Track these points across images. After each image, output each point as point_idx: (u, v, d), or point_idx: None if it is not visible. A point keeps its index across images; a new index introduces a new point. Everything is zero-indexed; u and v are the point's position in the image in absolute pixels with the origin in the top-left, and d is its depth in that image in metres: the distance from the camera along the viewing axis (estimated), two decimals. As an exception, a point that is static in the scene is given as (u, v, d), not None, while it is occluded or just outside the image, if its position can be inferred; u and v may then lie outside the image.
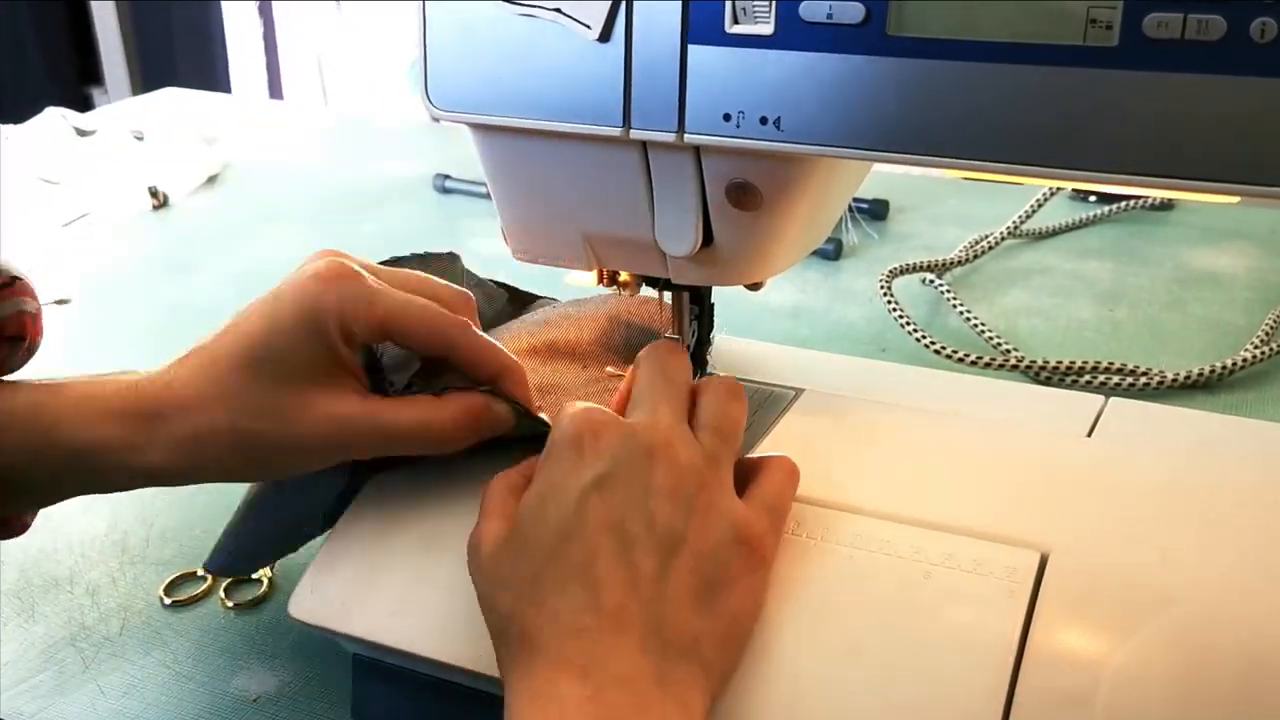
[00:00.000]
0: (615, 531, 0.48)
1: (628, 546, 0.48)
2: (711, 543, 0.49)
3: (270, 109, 2.03)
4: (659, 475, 0.49)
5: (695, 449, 0.51)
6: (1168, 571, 0.50)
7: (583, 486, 0.49)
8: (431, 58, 0.56)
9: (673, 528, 0.48)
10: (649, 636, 0.46)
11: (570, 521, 0.48)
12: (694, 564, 0.48)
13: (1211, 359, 0.88)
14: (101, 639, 0.65)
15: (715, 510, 0.50)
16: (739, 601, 0.49)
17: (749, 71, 0.50)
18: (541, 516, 0.49)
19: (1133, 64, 0.43)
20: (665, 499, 0.49)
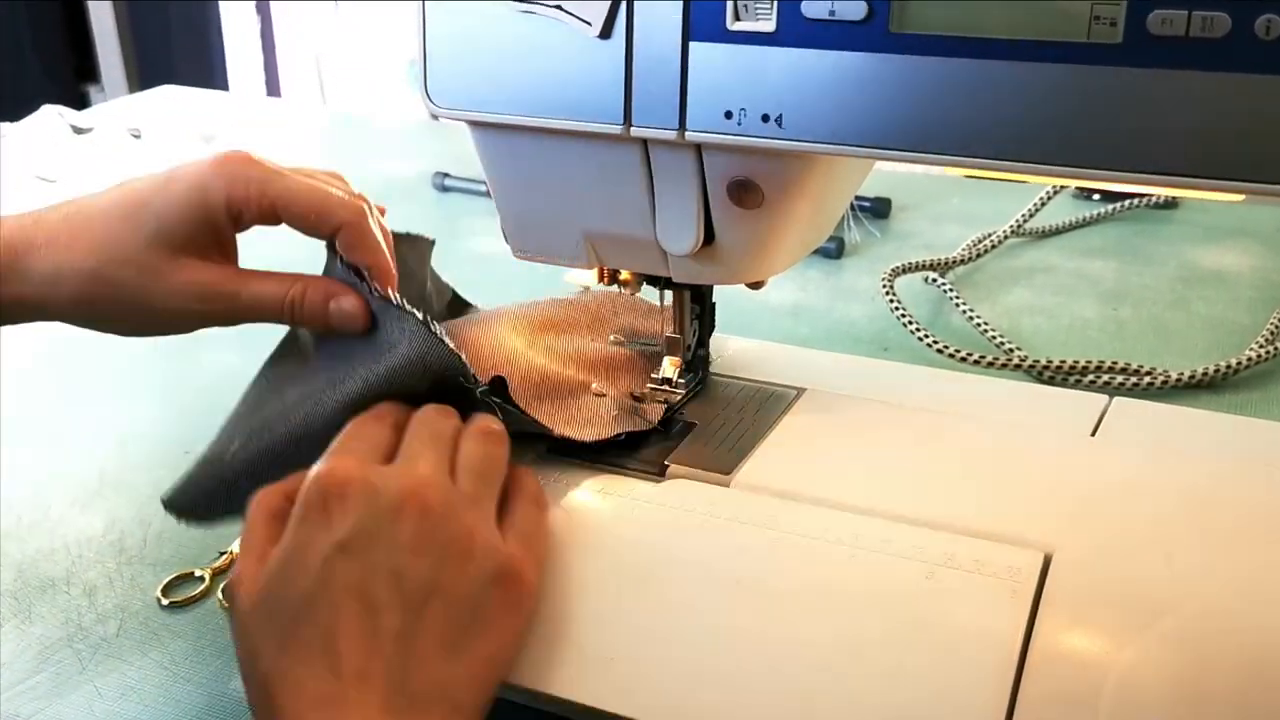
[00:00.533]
0: (358, 595, 0.48)
1: (372, 610, 0.47)
2: (468, 587, 0.49)
3: (268, 107, 2.03)
4: (406, 529, 0.49)
5: (449, 493, 0.51)
6: (1172, 573, 0.50)
7: (325, 552, 0.48)
8: (431, 55, 0.56)
9: (422, 581, 0.48)
10: (393, 695, 0.46)
11: (313, 588, 0.48)
12: (447, 613, 0.48)
13: (1216, 358, 0.88)
14: (98, 640, 0.65)
15: (473, 554, 0.49)
16: (494, 642, 0.49)
17: (750, 69, 0.50)
18: (286, 581, 0.49)
19: (1137, 61, 0.44)
20: (413, 553, 0.48)
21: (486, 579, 0.49)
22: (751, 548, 0.53)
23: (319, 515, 0.49)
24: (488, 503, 0.53)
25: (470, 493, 0.52)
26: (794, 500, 0.55)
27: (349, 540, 0.48)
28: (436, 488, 0.50)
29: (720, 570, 0.52)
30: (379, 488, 0.49)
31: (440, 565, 0.49)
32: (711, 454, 0.60)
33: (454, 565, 0.49)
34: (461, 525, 0.50)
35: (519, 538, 0.52)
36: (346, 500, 0.49)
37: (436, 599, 0.48)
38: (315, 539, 0.49)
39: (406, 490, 0.50)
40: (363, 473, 0.50)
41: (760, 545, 0.53)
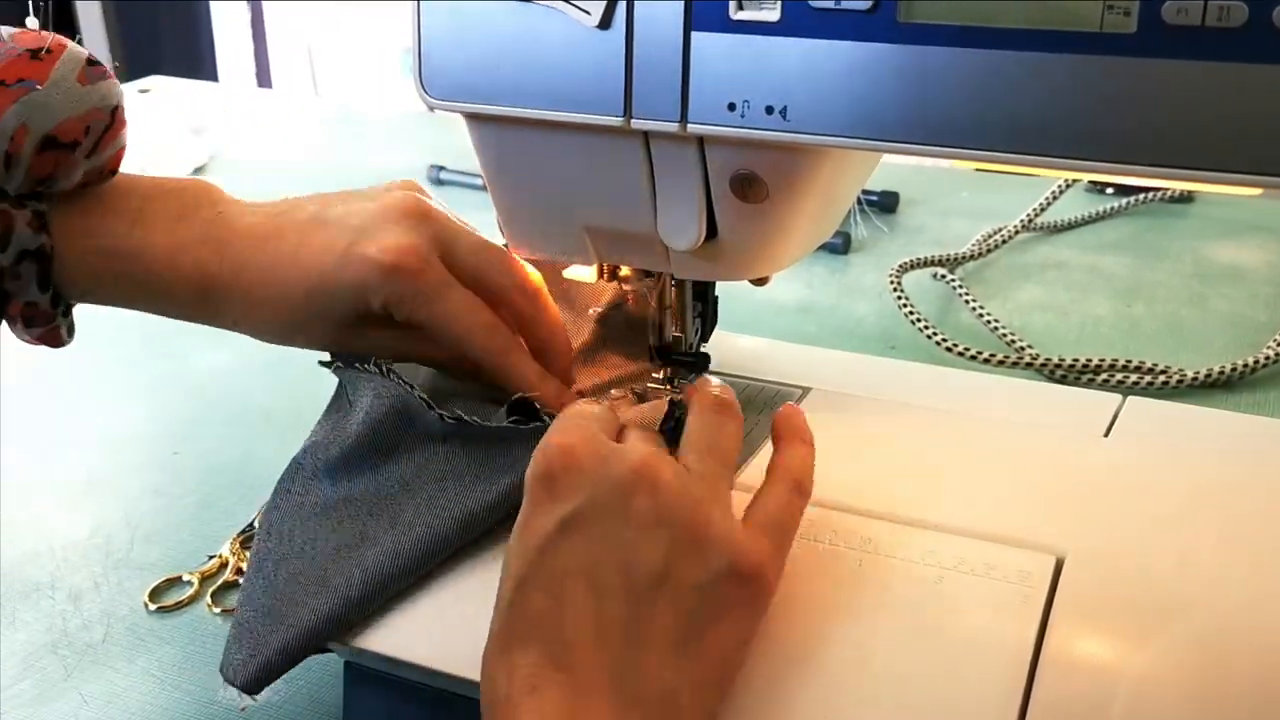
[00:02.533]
0: (585, 578, 0.46)
1: (598, 594, 0.46)
2: (702, 577, 0.47)
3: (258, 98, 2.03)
4: (639, 507, 0.47)
5: (681, 473, 0.49)
6: (1186, 576, 0.50)
7: (550, 529, 0.47)
8: (425, 45, 0.56)
9: (652, 567, 0.46)
10: (616, 694, 0.45)
11: (534, 568, 0.47)
12: (677, 604, 0.46)
13: (1232, 356, 0.88)
14: (84, 646, 0.65)
15: (707, 540, 0.47)
16: (724, 641, 0.47)
17: (754, 59, 0.50)
18: (511, 560, 0.48)
19: (1151, 51, 0.43)
20: (645, 533, 0.47)
21: (721, 571, 0.47)
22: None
23: (543, 491, 0.48)
24: (722, 483, 0.50)
25: (704, 471, 0.49)
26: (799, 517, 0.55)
27: (575, 517, 0.47)
28: (670, 463, 0.48)
29: (723, 574, 0.52)
30: (610, 460, 0.48)
31: (672, 551, 0.46)
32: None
33: (685, 553, 0.47)
34: (696, 508, 0.47)
35: (766, 527, 0.49)
36: (574, 474, 0.48)
37: (666, 589, 0.46)
38: (537, 518, 0.48)
39: (639, 466, 0.48)
40: (593, 444, 0.49)
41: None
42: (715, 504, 0.48)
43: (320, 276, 0.59)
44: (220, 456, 0.82)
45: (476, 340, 0.60)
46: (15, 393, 0.91)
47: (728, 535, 0.47)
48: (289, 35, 3.13)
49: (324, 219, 0.61)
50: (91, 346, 0.99)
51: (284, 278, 0.60)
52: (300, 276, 0.60)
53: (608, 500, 0.47)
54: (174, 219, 0.61)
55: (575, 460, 0.48)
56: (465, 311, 0.60)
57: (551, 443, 0.49)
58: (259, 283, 0.60)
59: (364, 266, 0.59)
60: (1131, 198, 1.21)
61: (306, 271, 0.60)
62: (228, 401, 0.88)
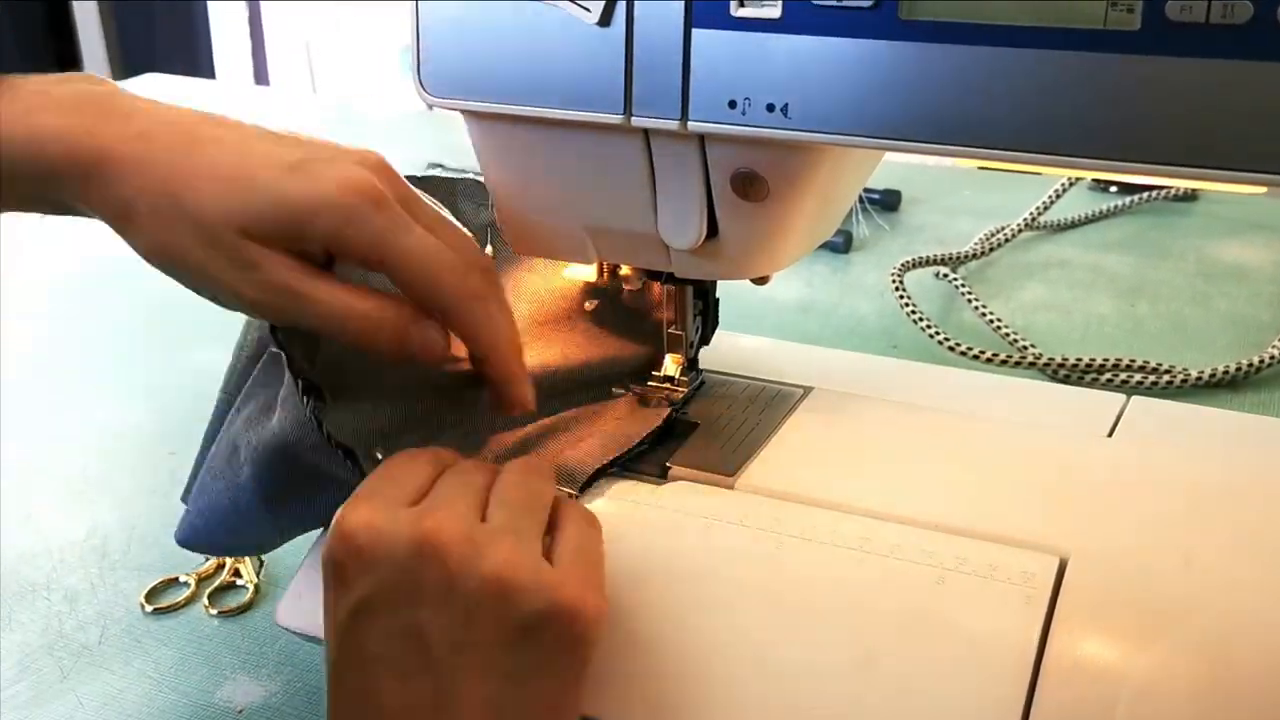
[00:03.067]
0: (385, 661, 0.46)
1: (401, 675, 0.45)
2: (511, 630, 0.45)
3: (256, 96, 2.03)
4: (429, 580, 0.46)
5: (473, 531, 0.47)
6: (1192, 577, 0.50)
7: (344, 618, 0.47)
8: (424, 42, 0.56)
9: (451, 640, 0.45)
10: None
11: (339, 660, 0.47)
12: (484, 669, 0.45)
13: (1237, 356, 0.88)
14: (80, 648, 0.65)
15: (508, 595, 0.45)
16: (551, 689, 0.47)
17: (755, 57, 0.50)
18: (326, 640, 0.48)
19: (1155, 49, 0.43)
20: (438, 608, 0.45)
21: (532, 619, 0.45)
22: (756, 553, 0.53)
23: (336, 575, 0.47)
24: (529, 534, 0.48)
25: (506, 522, 0.48)
26: (800, 503, 0.55)
27: (363, 604, 0.46)
28: (455, 526, 0.46)
29: (723, 576, 0.52)
30: (392, 540, 0.46)
31: (468, 619, 0.45)
32: (715, 455, 0.60)
33: (485, 613, 0.45)
34: (490, 565, 0.45)
35: (572, 560, 0.48)
36: (357, 559, 0.46)
37: (471, 654, 0.45)
38: (337, 601, 0.47)
39: (421, 539, 0.46)
40: (371, 524, 0.47)
41: (765, 550, 0.53)
42: (517, 553, 0.46)
43: (256, 176, 0.50)
44: (217, 457, 0.82)
45: (447, 281, 0.52)
46: (11, 391, 0.91)
47: (535, 578, 0.46)
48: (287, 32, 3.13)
49: (264, 130, 0.54)
50: (87, 345, 0.99)
51: (204, 162, 0.51)
52: (229, 168, 0.51)
53: (393, 583, 0.46)
54: (48, 82, 0.52)
55: (354, 544, 0.47)
56: (435, 249, 0.52)
57: (335, 524, 0.48)
58: (163, 158, 0.51)
59: (320, 182, 0.51)
60: (1135, 196, 1.21)
61: (240, 167, 0.51)
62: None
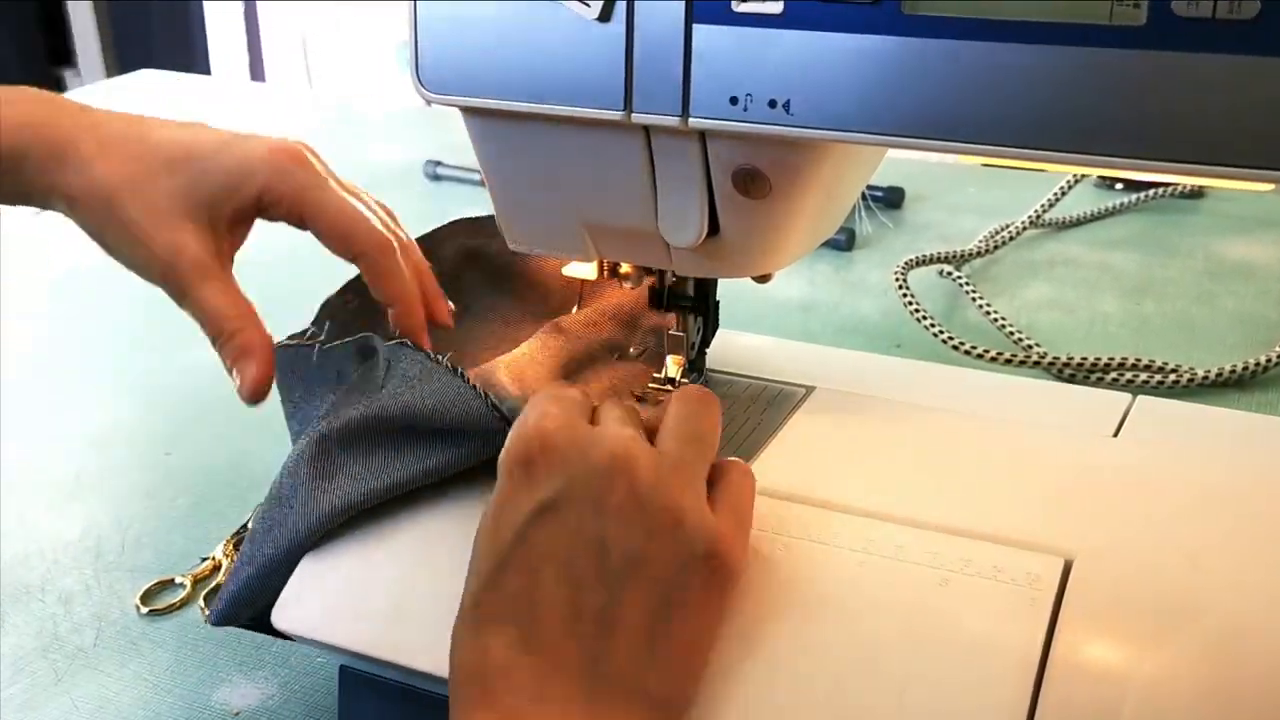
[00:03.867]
0: (559, 564, 0.47)
1: (572, 581, 0.47)
2: (675, 563, 0.47)
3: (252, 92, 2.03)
4: (617, 493, 0.48)
5: (659, 458, 0.49)
6: (1198, 578, 0.50)
7: (527, 514, 0.48)
8: (422, 37, 0.56)
9: (627, 553, 0.47)
10: (586, 677, 0.46)
11: (510, 551, 0.48)
12: (649, 590, 0.47)
13: (1244, 355, 0.88)
14: (75, 650, 0.65)
15: (682, 525, 0.48)
16: (695, 626, 0.48)
17: (757, 52, 0.50)
18: (487, 541, 0.49)
19: (1161, 44, 0.43)
20: (621, 521, 0.47)
21: (694, 555, 0.47)
22: (758, 554, 0.53)
23: (522, 473, 0.49)
24: (699, 470, 0.51)
25: (679, 458, 0.50)
26: (802, 504, 0.55)
27: (553, 501, 0.48)
28: (646, 450, 0.49)
29: (725, 577, 0.52)
30: (587, 446, 0.48)
31: (647, 537, 0.47)
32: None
33: (661, 539, 0.47)
34: (671, 494, 0.48)
35: (729, 512, 0.50)
36: (553, 457, 0.48)
37: (640, 576, 0.47)
38: (517, 500, 0.48)
39: (616, 452, 0.48)
40: (570, 429, 0.49)
41: (767, 551, 0.53)
42: (689, 489, 0.49)
43: (193, 150, 0.59)
44: (213, 458, 0.82)
45: (362, 232, 0.59)
46: (6, 392, 0.91)
47: (701, 521, 0.48)
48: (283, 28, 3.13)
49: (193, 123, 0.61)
50: (83, 346, 0.99)
51: (143, 142, 0.58)
52: (171, 147, 0.58)
53: (584, 487, 0.48)
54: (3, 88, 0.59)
55: (552, 445, 0.49)
56: (352, 205, 0.60)
57: (529, 425, 0.50)
58: (115, 144, 0.58)
59: (248, 150, 0.59)
60: (1141, 193, 1.21)
61: (176, 144, 0.59)
62: (220, 402, 0.88)
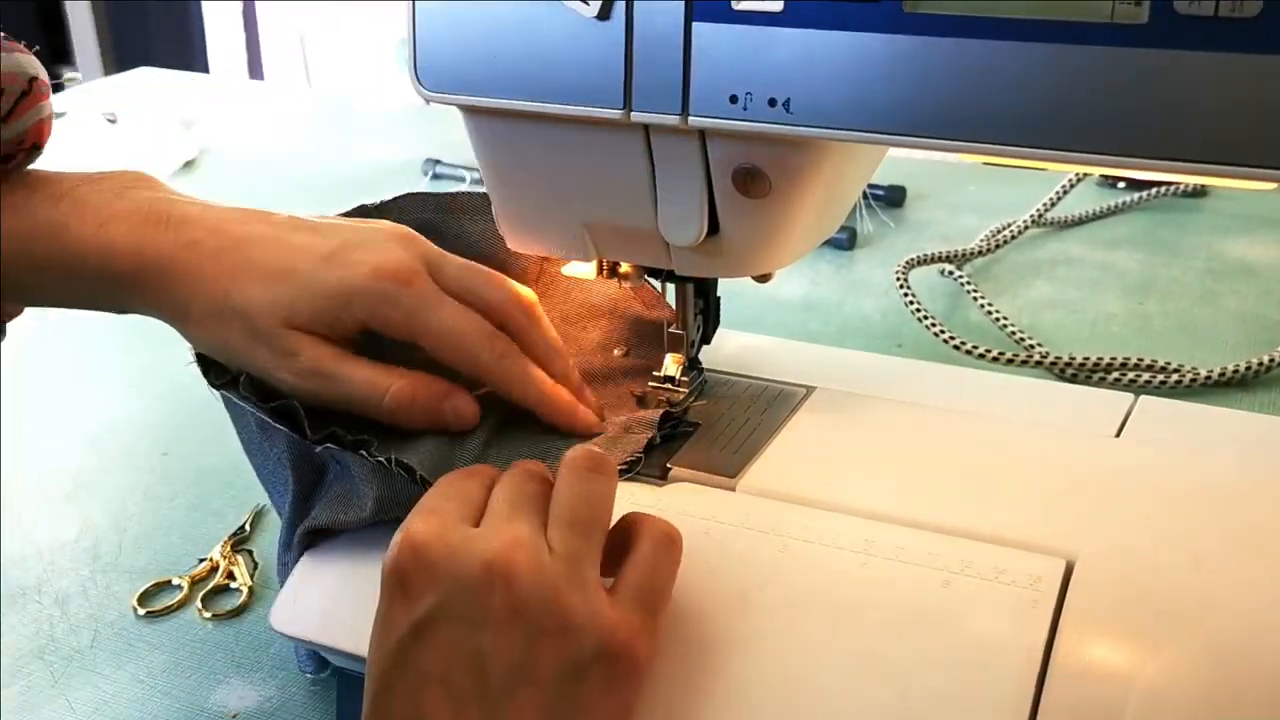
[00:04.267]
0: (440, 685, 0.45)
1: (455, 701, 0.45)
2: (565, 665, 0.46)
3: (250, 90, 2.03)
4: (495, 604, 0.46)
5: (541, 556, 0.47)
6: (1201, 580, 0.50)
7: (402, 635, 0.46)
8: (421, 36, 0.56)
9: (508, 665, 0.45)
10: None
11: (391, 674, 0.47)
12: (539, 700, 0.45)
13: (1247, 355, 0.88)
14: (71, 651, 0.65)
15: (569, 628, 0.46)
16: None
17: (757, 50, 0.50)
18: (371, 663, 0.48)
19: (1163, 42, 0.43)
20: (501, 631, 0.46)
21: (586, 657, 0.46)
22: (758, 556, 0.53)
23: (398, 592, 0.47)
24: (589, 560, 0.48)
25: (567, 551, 0.48)
26: (803, 505, 0.55)
27: (427, 620, 0.46)
28: (526, 551, 0.47)
29: (725, 580, 0.52)
30: (462, 556, 0.47)
31: (530, 645, 0.45)
32: (716, 456, 0.60)
33: (546, 644, 0.45)
34: (555, 596, 0.46)
35: (635, 596, 0.48)
36: (425, 572, 0.47)
37: (525, 685, 0.45)
38: (394, 619, 0.47)
39: (492, 557, 0.46)
40: (443, 538, 0.47)
41: (767, 553, 0.53)
42: (576, 588, 0.47)
43: (295, 269, 0.58)
44: (210, 458, 0.82)
45: (478, 346, 0.59)
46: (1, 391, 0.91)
47: (592, 618, 0.46)
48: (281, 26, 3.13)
49: (303, 224, 0.61)
50: (78, 345, 0.99)
51: (246, 262, 0.58)
52: (270, 264, 0.58)
53: (460, 601, 0.46)
54: (110, 194, 0.59)
55: (426, 558, 0.47)
56: (462, 317, 0.59)
57: (404, 536, 0.48)
58: (211, 263, 0.58)
59: (353, 269, 0.58)
60: (1143, 192, 1.21)
61: (280, 262, 0.58)
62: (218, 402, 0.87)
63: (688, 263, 0.60)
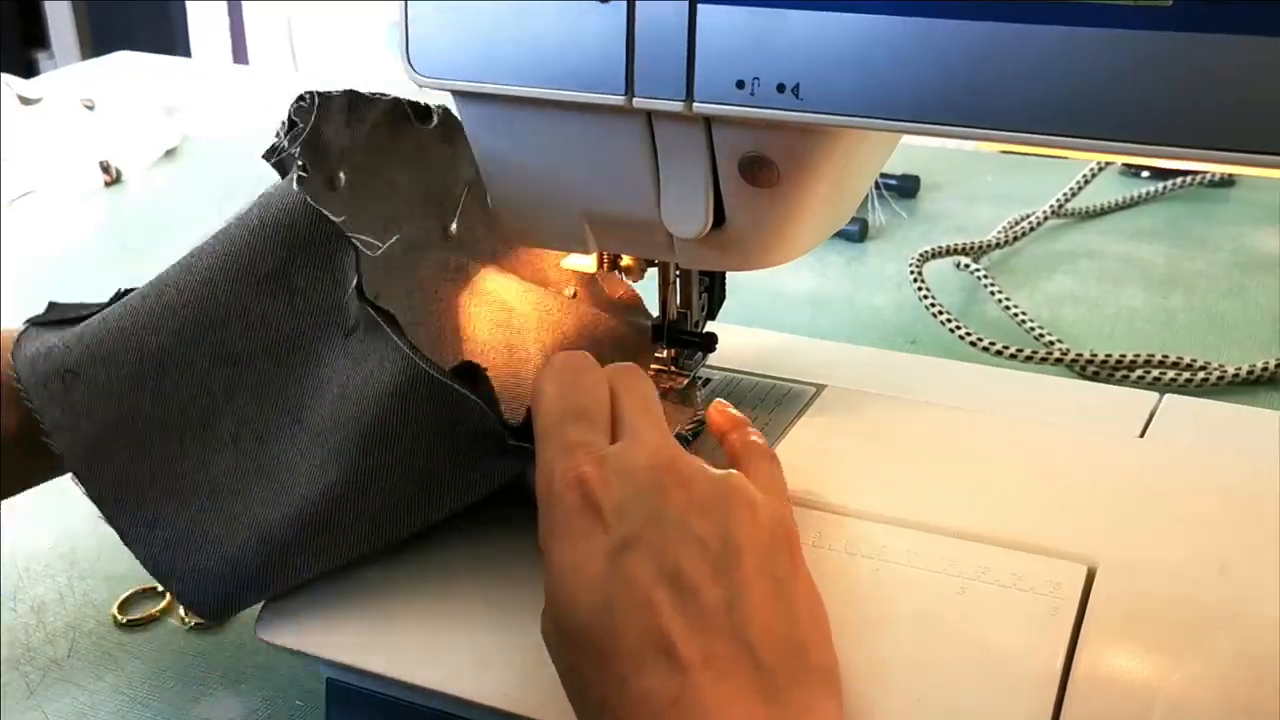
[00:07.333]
0: (668, 582, 0.47)
1: (687, 590, 0.47)
2: (765, 537, 0.49)
3: (234, 75, 2.03)
4: (679, 498, 0.49)
5: (695, 458, 0.51)
6: (1228, 586, 0.50)
7: (608, 556, 0.48)
8: (413, 18, 0.56)
9: (724, 538, 0.48)
10: (750, 670, 0.46)
11: (612, 595, 0.47)
12: (761, 567, 0.48)
13: (1275, 352, 0.88)
14: (48, 662, 0.66)
15: (755, 502, 0.50)
16: (806, 591, 0.49)
17: (764, 33, 0.50)
18: (581, 601, 0.48)
19: (1189, 25, 0.43)
20: (704, 517, 0.49)
21: (774, 531, 0.50)
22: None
23: (583, 522, 0.49)
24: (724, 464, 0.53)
25: None
26: (812, 509, 0.55)
27: (631, 535, 0.48)
28: (684, 453, 0.51)
29: (731, 585, 0.52)
30: (629, 470, 0.50)
31: (732, 520, 0.49)
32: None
33: (744, 518, 0.49)
34: (729, 480, 0.50)
35: (775, 492, 0.53)
36: (609, 491, 0.49)
37: (745, 555, 0.48)
38: (590, 548, 0.48)
39: (661, 463, 0.50)
40: (604, 463, 0.50)
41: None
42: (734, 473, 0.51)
43: None
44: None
45: None
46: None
47: (763, 498, 0.51)
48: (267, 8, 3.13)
49: None
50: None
51: None
52: None
53: (654, 507, 0.49)
54: None
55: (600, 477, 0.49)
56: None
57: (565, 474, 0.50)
58: None
59: None
60: (1168, 182, 1.21)
61: None
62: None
63: (692, 256, 0.60)
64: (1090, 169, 1.15)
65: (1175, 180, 1.21)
